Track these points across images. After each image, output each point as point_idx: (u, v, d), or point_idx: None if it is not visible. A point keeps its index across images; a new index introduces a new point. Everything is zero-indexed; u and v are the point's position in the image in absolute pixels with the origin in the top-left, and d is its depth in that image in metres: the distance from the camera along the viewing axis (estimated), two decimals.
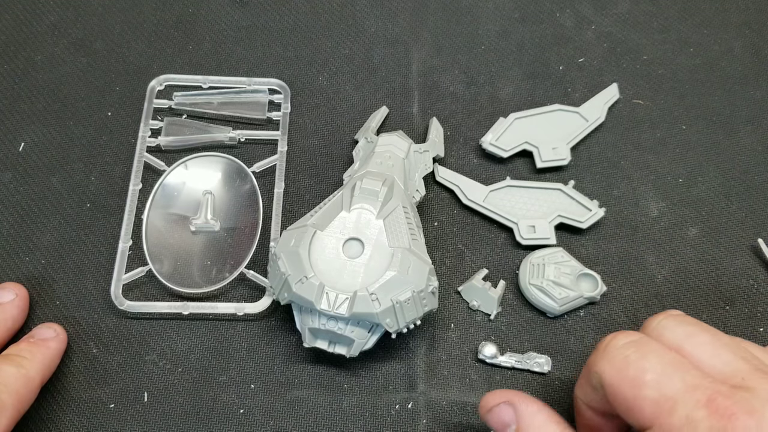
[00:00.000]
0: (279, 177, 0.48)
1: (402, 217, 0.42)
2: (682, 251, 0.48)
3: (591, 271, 0.45)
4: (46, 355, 0.40)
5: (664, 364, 0.30)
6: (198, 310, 0.44)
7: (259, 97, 0.52)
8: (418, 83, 0.53)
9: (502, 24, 0.56)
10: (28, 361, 0.39)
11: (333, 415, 0.42)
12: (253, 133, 0.50)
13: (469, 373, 0.44)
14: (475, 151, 0.51)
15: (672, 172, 0.50)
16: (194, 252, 0.46)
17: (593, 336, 0.45)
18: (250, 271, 0.45)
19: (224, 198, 0.48)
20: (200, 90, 0.52)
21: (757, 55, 0.55)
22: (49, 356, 0.41)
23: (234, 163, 0.49)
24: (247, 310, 0.44)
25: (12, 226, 0.47)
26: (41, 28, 0.55)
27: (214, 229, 0.47)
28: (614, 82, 0.53)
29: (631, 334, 0.32)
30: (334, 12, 0.56)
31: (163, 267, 0.45)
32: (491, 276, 0.46)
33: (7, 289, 0.43)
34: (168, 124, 0.50)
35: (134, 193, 0.48)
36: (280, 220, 0.47)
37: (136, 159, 0.49)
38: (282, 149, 0.50)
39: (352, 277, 0.40)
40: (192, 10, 0.56)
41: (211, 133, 0.50)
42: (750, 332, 0.45)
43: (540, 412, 0.34)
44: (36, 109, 0.51)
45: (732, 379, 0.29)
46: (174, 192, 0.48)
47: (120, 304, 0.44)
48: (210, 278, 0.45)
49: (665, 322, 0.32)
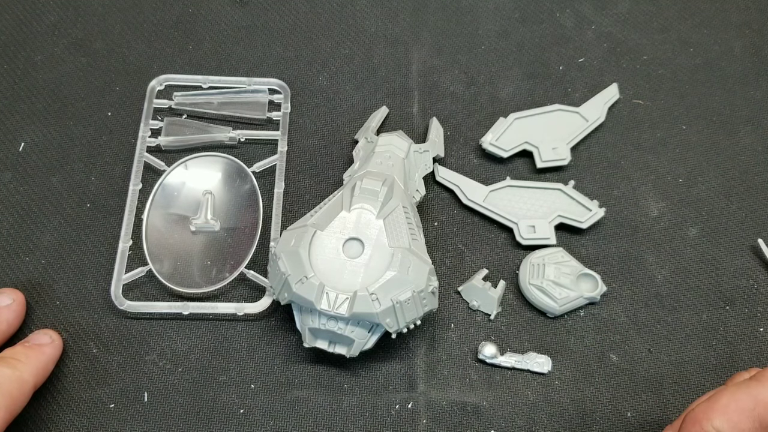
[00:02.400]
0: (279, 177, 0.48)
1: (402, 217, 0.42)
2: (682, 251, 0.48)
3: (591, 271, 0.45)
4: (40, 359, 0.40)
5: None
6: (198, 310, 0.44)
7: (259, 97, 0.52)
8: (418, 83, 0.53)
9: (502, 24, 0.56)
10: (23, 364, 0.39)
11: (333, 415, 0.42)
12: (253, 133, 0.50)
13: (469, 373, 0.44)
14: (475, 151, 0.51)
15: (672, 172, 0.50)
16: (194, 252, 0.46)
17: (593, 336, 0.45)
18: (250, 271, 0.45)
19: (224, 198, 0.48)
20: (200, 90, 0.52)
21: (757, 55, 0.55)
22: (44, 361, 0.41)
23: (234, 163, 0.49)
24: (247, 310, 0.44)
25: (12, 226, 0.47)
26: (41, 28, 0.54)
27: (214, 229, 0.47)
28: (614, 82, 0.53)
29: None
30: (334, 12, 0.56)
31: (163, 267, 0.45)
32: (491, 276, 0.46)
33: (5, 294, 0.43)
34: (168, 124, 0.50)
35: (134, 193, 0.48)
36: (280, 220, 0.47)
37: (136, 159, 0.49)
38: (282, 149, 0.50)
39: (352, 277, 0.40)
40: (192, 10, 0.56)
41: (211, 133, 0.50)
42: (750, 332, 0.45)
43: None
44: (36, 109, 0.51)
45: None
46: (174, 192, 0.48)
47: (120, 304, 0.44)
48: (210, 278, 0.45)
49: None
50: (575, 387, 0.43)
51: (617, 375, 0.44)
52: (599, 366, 0.44)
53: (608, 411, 0.43)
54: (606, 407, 0.43)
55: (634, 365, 0.44)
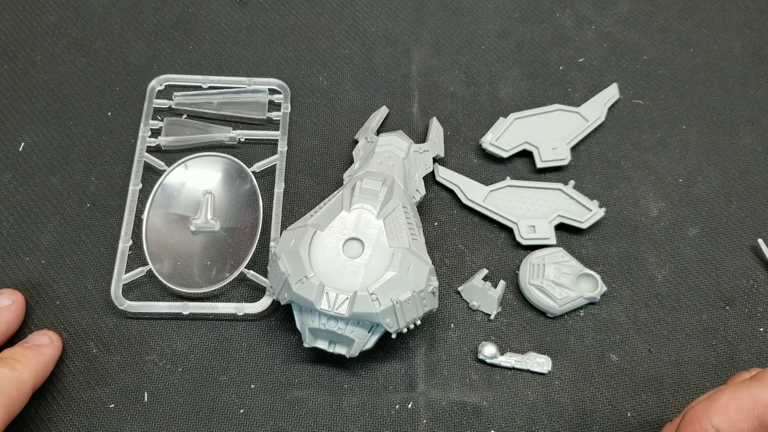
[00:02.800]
0: (279, 177, 0.48)
1: (402, 217, 0.42)
2: (682, 251, 0.48)
3: (591, 271, 0.45)
4: (39, 360, 0.40)
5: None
6: (198, 310, 0.44)
7: (259, 97, 0.52)
8: (418, 83, 0.53)
9: (502, 24, 0.56)
10: (22, 365, 0.39)
11: (333, 415, 0.42)
12: (253, 133, 0.50)
13: (469, 373, 0.44)
14: (475, 151, 0.51)
15: (672, 172, 0.50)
16: (194, 252, 0.46)
17: (593, 336, 0.45)
18: (250, 271, 0.45)
19: (224, 198, 0.48)
20: (200, 90, 0.52)
21: (757, 55, 0.55)
22: (43, 362, 0.41)
23: (234, 163, 0.49)
24: (247, 310, 0.44)
25: (12, 226, 0.47)
26: (41, 28, 0.54)
27: (214, 229, 0.47)
28: (614, 82, 0.53)
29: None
30: (334, 12, 0.56)
31: (163, 267, 0.45)
32: (491, 276, 0.46)
33: (4, 295, 0.43)
34: (168, 124, 0.50)
35: (134, 193, 0.48)
36: (280, 220, 0.47)
37: (136, 159, 0.49)
38: (282, 149, 0.50)
39: (352, 277, 0.40)
40: (192, 10, 0.56)
41: (211, 133, 0.50)
42: (750, 332, 0.45)
43: None
44: (36, 109, 0.51)
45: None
46: (174, 192, 0.48)
47: (120, 304, 0.44)
48: (210, 278, 0.45)
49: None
50: (575, 387, 0.43)
51: (617, 375, 0.44)
52: (599, 366, 0.44)
53: (608, 411, 0.43)
54: (606, 407, 0.43)
55: (634, 365, 0.44)
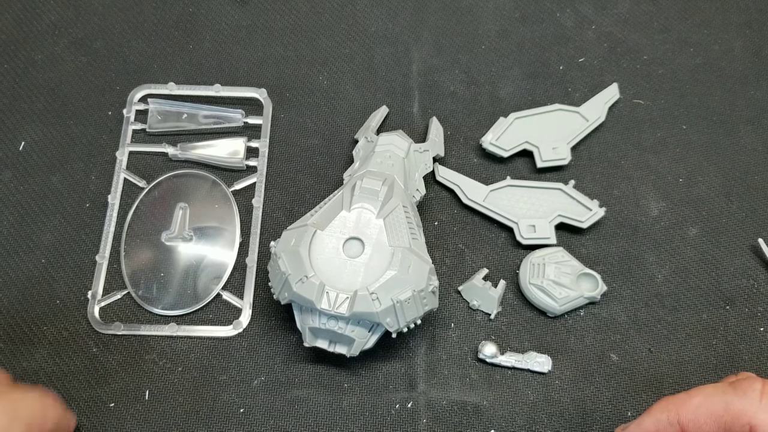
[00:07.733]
0: (258, 195, 0.48)
1: (402, 217, 0.42)
2: (682, 251, 0.48)
3: (591, 271, 0.45)
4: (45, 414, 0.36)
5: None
6: (175, 333, 0.44)
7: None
8: (418, 83, 0.53)
9: (503, 24, 0.56)
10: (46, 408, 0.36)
11: (333, 415, 0.42)
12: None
13: (469, 373, 0.44)
14: (476, 150, 0.51)
15: (672, 172, 0.50)
16: (173, 272, 0.46)
17: (593, 335, 0.45)
18: (225, 292, 0.45)
19: (201, 214, 0.48)
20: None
21: (757, 55, 0.55)
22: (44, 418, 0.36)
23: (211, 179, 0.49)
24: (218, 334, 0.44)
25: (12, 226, 0.47)
26: (41, 27, 0.55)
27: (190, 247, 0.47)
28: (614, 81, 0.53)
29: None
30: (334, 12, 0.56)
31: (140, 290, 0.45)
32: (491, 275, 0.46)
33: None
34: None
35: (112, 208, 0.48)
36: (258, 239, 0.47)
37: (115, 178, 0.49)
38: (261, 169, 0.49)
39: (353, 276, 0.40)
40: (192, 10, 0.56)
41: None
42: (750, 332, 0.45)
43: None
44: (36, 109, 0.51)
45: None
46: (152, 210, 0.48)
47: (101, 329, 0.44)
48: (189, 298, 0.45)
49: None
50: (575, 386, 0.43)
51: (617, 375, 0.44)
52: (599, 366, 0.44)
53: (608, 410, 0.43)
54: (606, 407, 0.43)
55: (634, 365, 0.44)
